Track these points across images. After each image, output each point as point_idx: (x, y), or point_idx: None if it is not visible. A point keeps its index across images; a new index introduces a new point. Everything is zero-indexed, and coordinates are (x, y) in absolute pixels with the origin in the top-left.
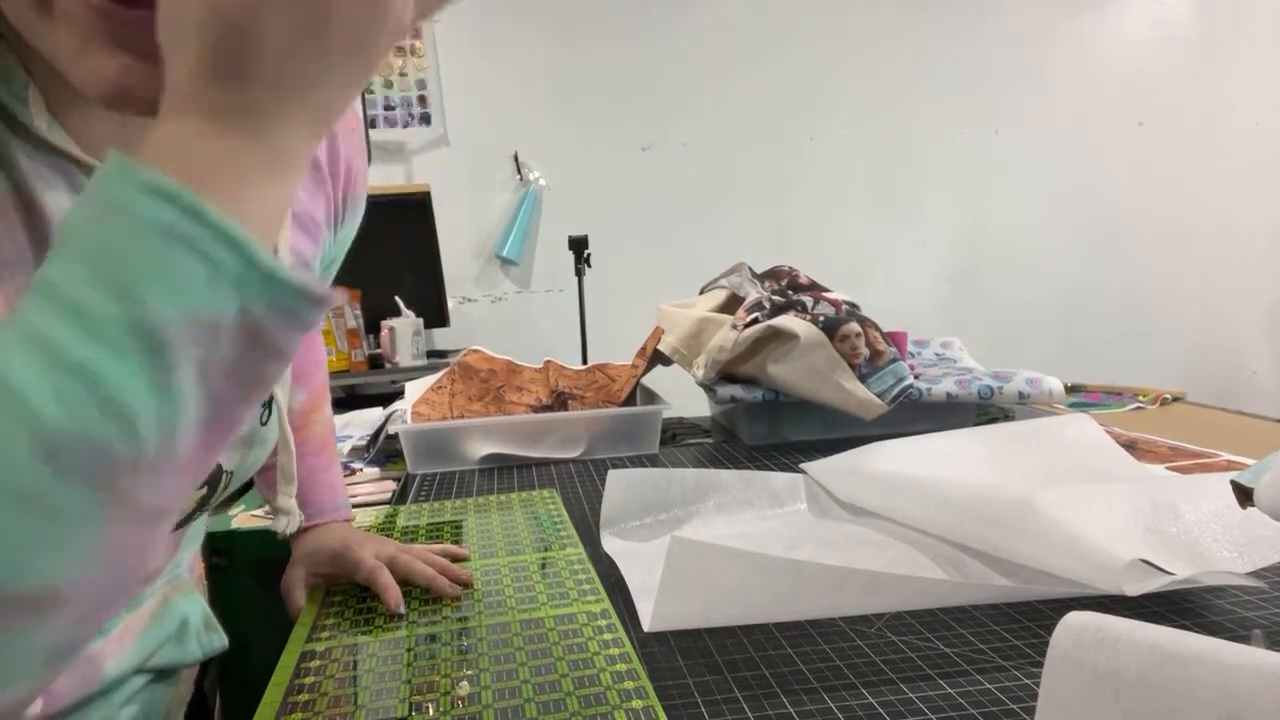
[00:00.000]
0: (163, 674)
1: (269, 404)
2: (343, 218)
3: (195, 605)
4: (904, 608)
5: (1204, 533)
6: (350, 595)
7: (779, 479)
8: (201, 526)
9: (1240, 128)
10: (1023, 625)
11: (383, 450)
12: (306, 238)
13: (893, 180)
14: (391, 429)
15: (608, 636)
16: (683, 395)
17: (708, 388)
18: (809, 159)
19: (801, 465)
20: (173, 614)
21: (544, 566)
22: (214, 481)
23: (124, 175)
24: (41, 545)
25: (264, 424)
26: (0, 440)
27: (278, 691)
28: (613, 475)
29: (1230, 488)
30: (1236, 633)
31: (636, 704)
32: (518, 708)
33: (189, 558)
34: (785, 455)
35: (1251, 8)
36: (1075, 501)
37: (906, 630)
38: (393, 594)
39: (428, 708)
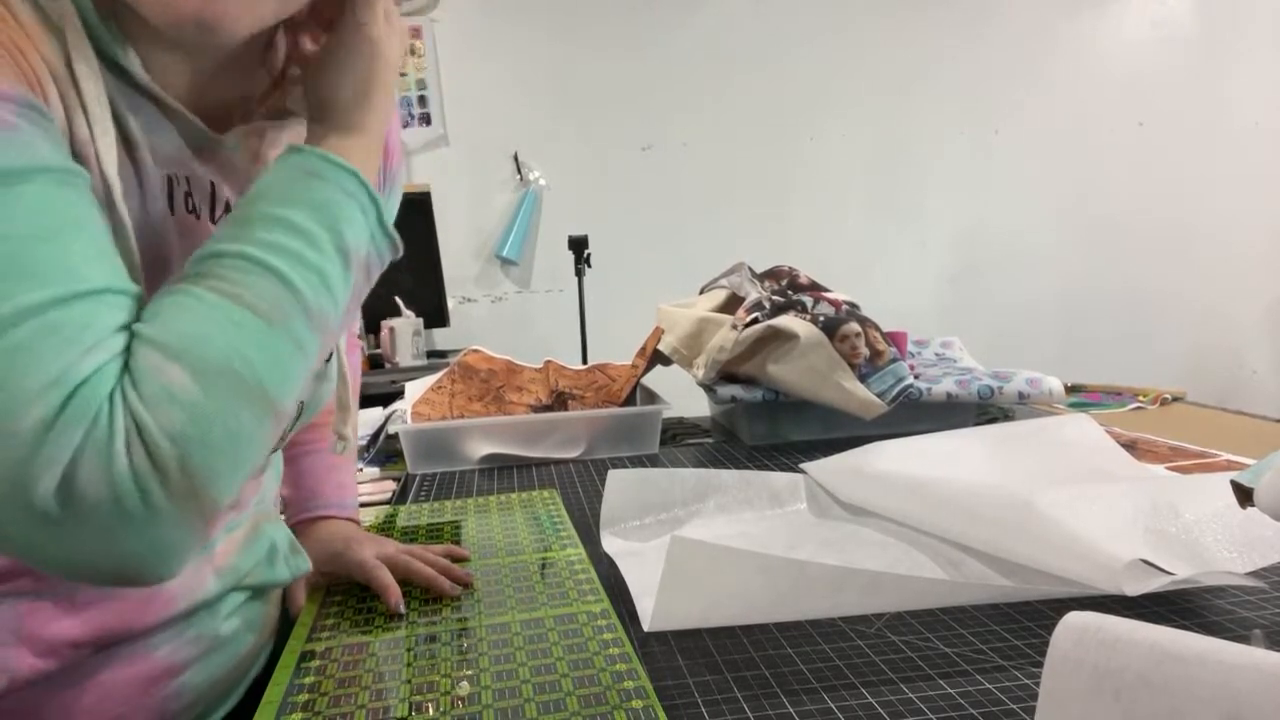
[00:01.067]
0: (257, 592)
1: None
2: (385, 188)
3: (281, 532)
4: (904, 608)
5: (1204, 533)
6: (350, 595)
7: (779, 479)
8: (279, 461)
9: (1240, 128)
10: (1023, 625)
11: (383, 450)
12: None
13: (893, 180)
14: (391, 429)
15: (608, 636)
16: (683, 395)
17: (708, 388)
18: (809, 159)
19: (801, 465)
20: (263, 539)
21: (544, 567)
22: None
23: (319, 156)
24: (297, 375)
25: (327, 362)
26: (285, 311)
27: (278, 691)
28: (613, 475)
29: (1230, 488)
30: (1236, 633)
31: (636, 704)
32: (518, 708)
33: (274, 490)
34: (785, 455)
35: (1251, 8)
36: (1075, 501)
37: (906, 630)
38: (393, 594)
39: (428, 707)
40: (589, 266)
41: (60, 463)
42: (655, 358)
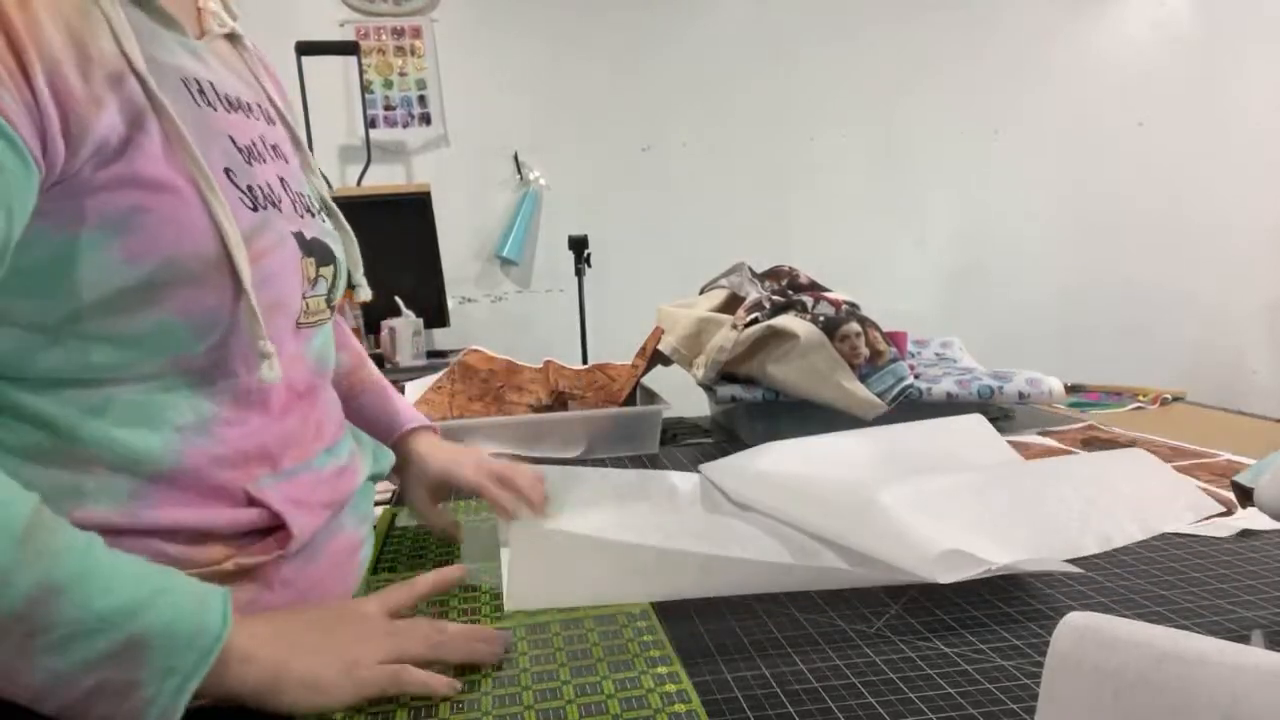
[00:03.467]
0: (371, 478)
1: (324, 207)
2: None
3: (364, 434)
4: (738, 591)
5: (1057, 517)
6: (395, 575)
7: (679, 478)
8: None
9: (1240, 127)
10: (1023, 625)
11: None
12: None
13: (893, 180)
14: None
15: (648, 638)
16: (683, 395)
17: (708, 388)
18: (809, 159)
19: (700, 466)
20: (365, 442)
21: None
22: (334, 261)
23: (220, 620)
24: None
25: (324, 223)
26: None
27: None
28: (548, 470)
29: (1231, 487)
30: (1237, 633)
31: (680, 708)
32: (559, 709)
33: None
34: None
35: (1252, 7)
36: (919, 494)
37: (906, 630)
38: (505, 502)
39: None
40: (589, 266)
41: None
42: (655, 358)
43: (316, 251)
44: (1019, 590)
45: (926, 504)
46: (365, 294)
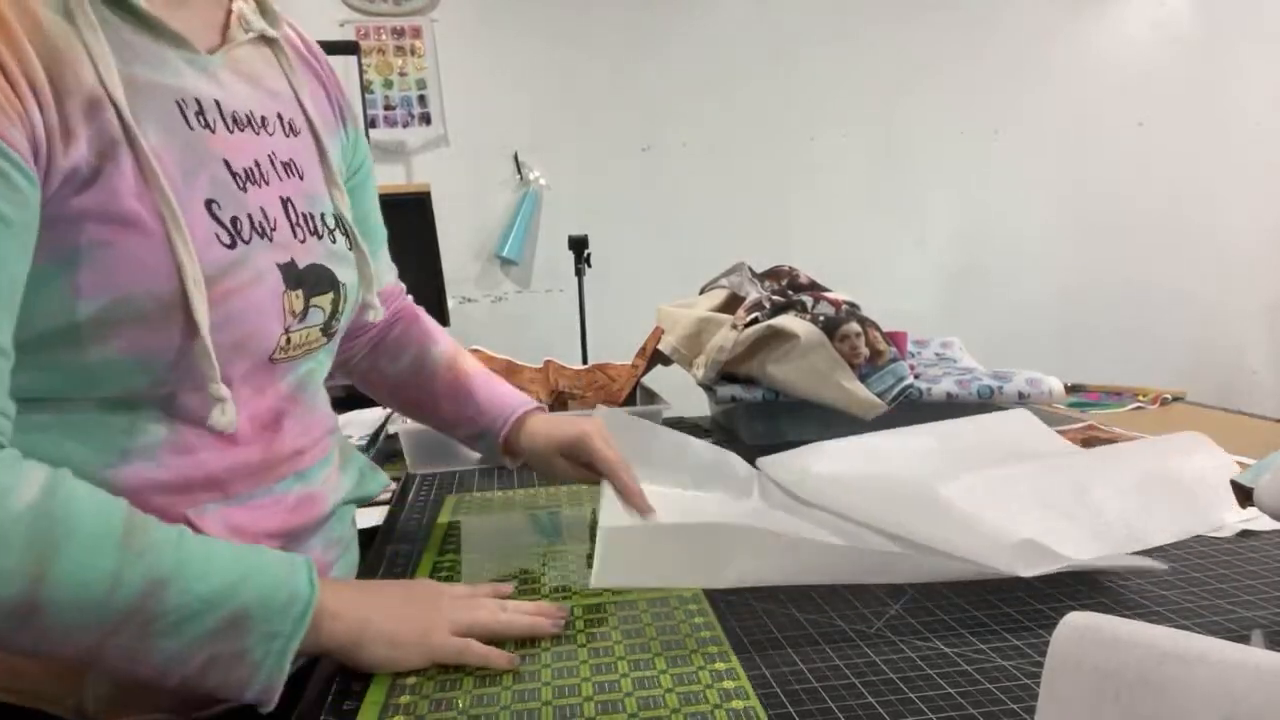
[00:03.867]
0: (351, 501)
1: (339, 225)
2: (345, 120)
3: (361, 457)
4: (821, 579)
5: (1108, 511)
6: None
7: (742, 468)
8: (325, 397)
9: (1240, 127)
10: (1023, 625)
11: (382, 450)
12: (328, 134)
13: (893, 180)
14: (391, 429)
15: (699, 619)
16: (683, 395)
17: (708, 388)
18: (809, 159)
19: (757, 460)
20: (353, 461)
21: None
22: (336, 288)
23: (308, 585)
24: (78, 603)
25: (334, 243)
26: (138, 571)
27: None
28: (609, 414)
29: (1230, 487)
30: (1237, 633)
31: (737, 704)
32: (618, 701)
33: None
34: None
35: (1252, 7)
36: (988, 485)
37: (906, 630)
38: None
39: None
40: (589, 266)
41: None
42: (655, 358)
43: (308, 282)
44: (1019, 590)
45: (996, 495)
46: (376, 314)
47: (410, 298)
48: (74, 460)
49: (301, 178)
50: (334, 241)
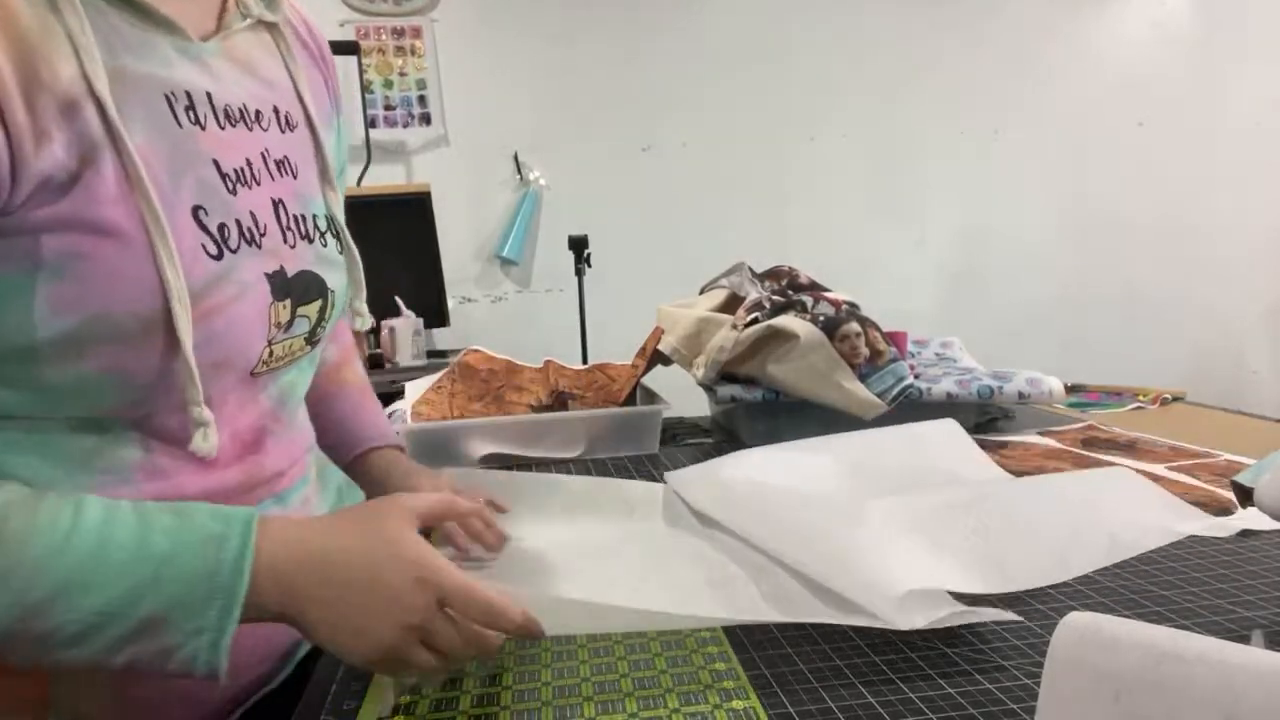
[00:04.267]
0: None
1: (330, 227)
2: (338, 104)
3: (338, 474)
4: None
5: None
6: None
7: (636, 488)
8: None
9: (1240, 127)
10: (1023, 625)
11: None
12: (325, 127)
13: (893, 180)
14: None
15: (719, 664)
16: (683, 395)
17: (708, 388)
18: (809, 159)
19: (666, 475)
20: (330, 481)
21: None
22: (325, 295)
23: (235, 558)
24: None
25: (325, 246)
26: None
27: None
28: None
29: (1231, 487)
30: (1237, 633)
31: (738, 705)
32: (618, 701)
33: (313, 439)
34: None
35: (1252, 7)
36: (899, 511)
37: (906, 630)
38: (457, 539)
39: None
40: (589, 266)
41: None
42: (655, 358)
43: (297, 290)
44: (1018, 591)
45: (900, 523)
46: (363, 323)
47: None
48: (43, 479)
49: (295, 176)
50: (324, 245)
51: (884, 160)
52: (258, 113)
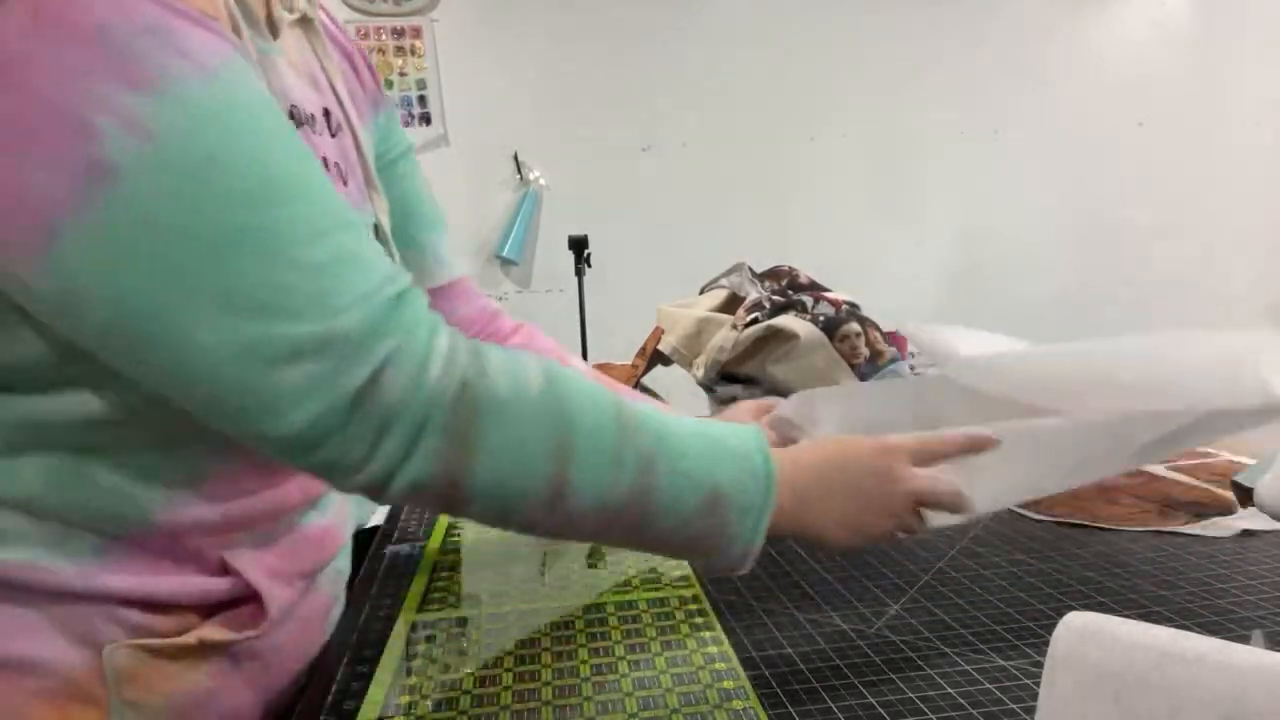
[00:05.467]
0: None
1: (378, 236)
2: (379, 107)
3: None
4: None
5: None
6: (456, 571)
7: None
8: None
9: (1240, 127)
10: (1023, 625)
11: None
12: (363, 127)
13: (893, 180)
14: None
15: (700, 620)
16: (683, 395)
17: (708, 388)
18: (809, 159)
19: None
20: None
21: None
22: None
23: (762, 459)
24: (599, 486)
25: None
26: (635, 449)
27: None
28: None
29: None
30: (1237, 633)
31: (737, 705)
32: (618, 701)
33: None
34: None
35: (1252, 7)
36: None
37: (906, 630)
38: None
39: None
40: (589, 266)
41: (370, 365)
42: (655, 358)
43: None
44: (1019, 590)
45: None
46: None
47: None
48: (121, 490)
49: (345, 183)
50: None
51: (884, 160)
52: (312, 116)
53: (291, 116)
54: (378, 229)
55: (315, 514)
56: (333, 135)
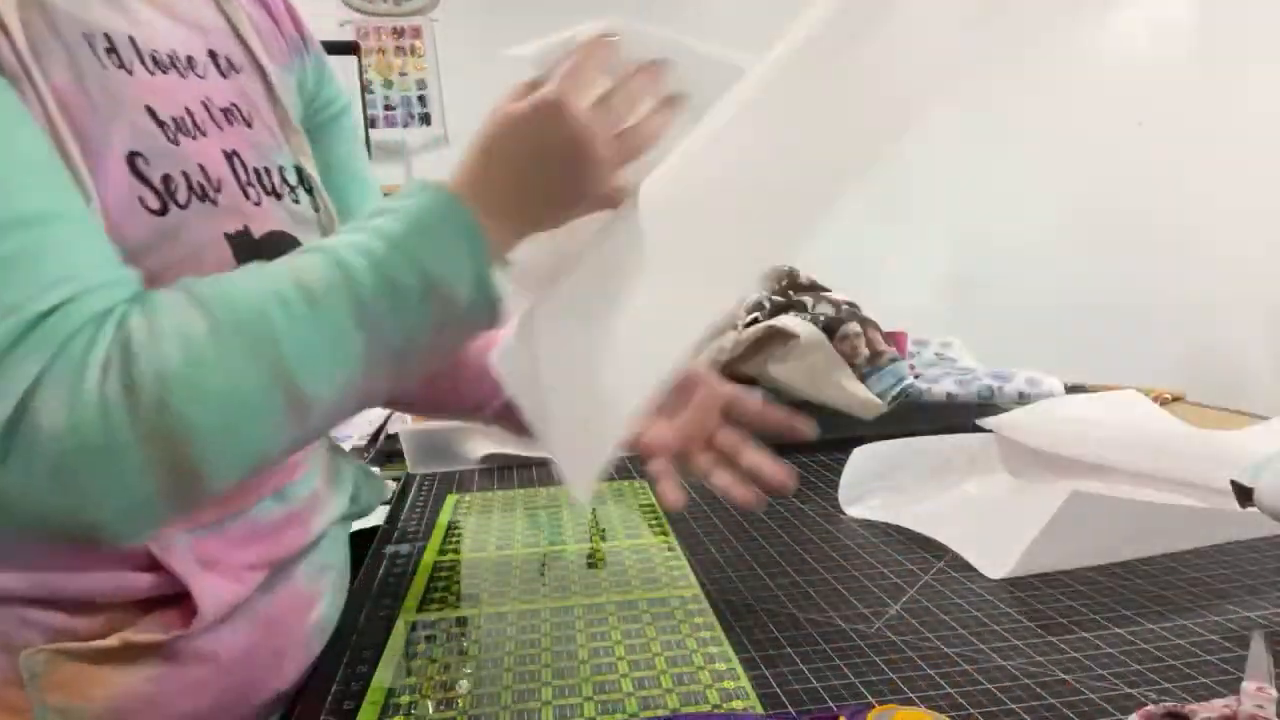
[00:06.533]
0: (344, 519)
1: (301, 180)
2: (305, 48)
3: (354, 465)
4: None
5: None
6: (456, 571)
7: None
8: None
9: (1240, 127)
10: (1023, 625)
11: (383, 450)
12: (280, 69)
13: (893, 180)
14: (391, 429)
15: (699, 620)
16: None
17: None
18: None
19: (982, 422)
20: (345, 473)
21: (631, 553)
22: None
23: (451, 206)
24: (330, 369)
25: (297, 203)
26: (335, 299)
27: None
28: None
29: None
30: (1237, 633)
31: (737, 705)
32: (618, 702)
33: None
34: (785, 455)
35: (1252, 8)
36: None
37: (906, 630)
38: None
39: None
40: None
41: (13, 395)
42: None
43: (269, 254)
44: (1018, 590)
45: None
46: None
47: None
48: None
49: (249, 124)
50: (296, 201)
51: (884, 160)
52: (190, 58)
53: (154, 61)
54: (300, 171)
55: (277, 503)
56: (224, 75)
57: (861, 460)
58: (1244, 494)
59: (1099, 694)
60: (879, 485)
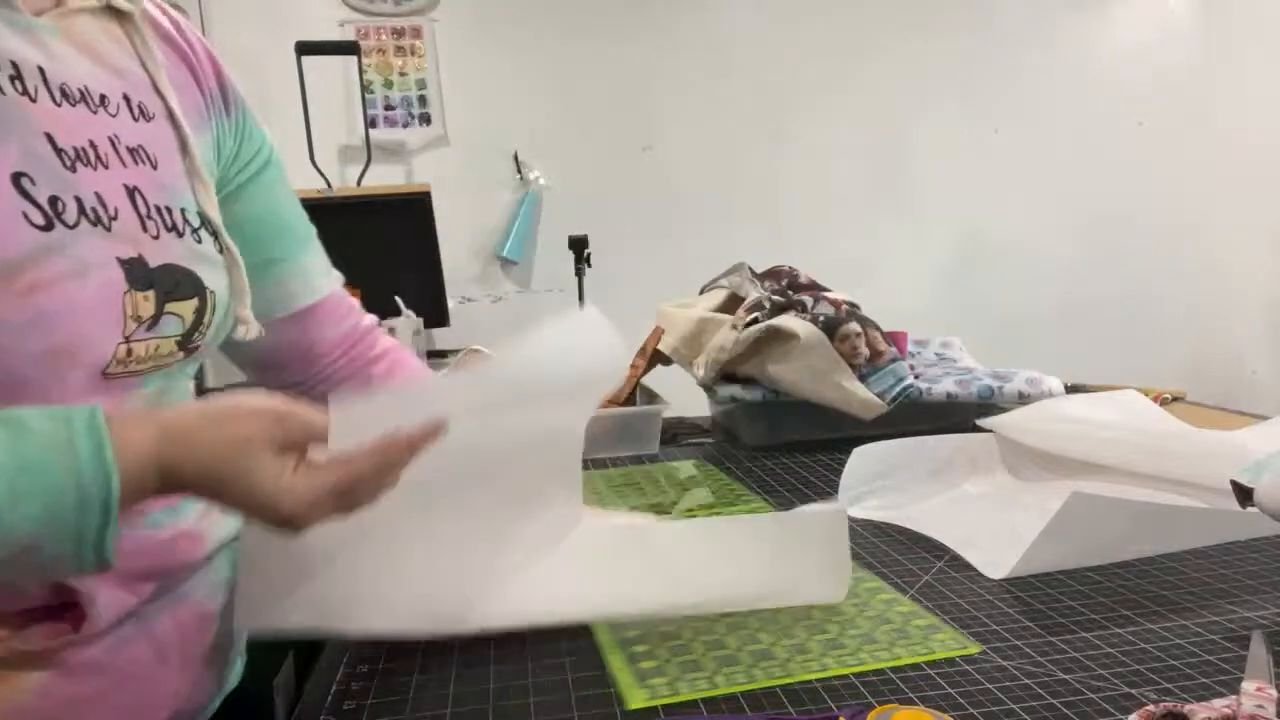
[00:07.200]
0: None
1: (205, 224)
2: (227, 107)
3: None
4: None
5: None
6: None
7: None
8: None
9: (1241, 128)
10: (1023, 625)
11: None
12: (195, 126)
13: (892, 180)
14: None
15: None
16: (683, 395)
17: (708, 388)
18: (809, 159)
19: (982, 422)
20: None
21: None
22: (201, 294)
23: (93, 440)
24: None
25: (199, 243)
26: None
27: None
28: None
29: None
30: (1237, 633)
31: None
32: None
33: None
34: (785, 455)
35: (1252, 7)
36: None
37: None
38: None
39: None
40: (589, 266)
41: None
42: (655, 358)
43: (164, 283)
44: (1018, 590)
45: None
46: (248, 331)
47: (384, 331)
48: None
49: (154, 167)
50: (199, 241)
51: (884, 160)
52: (103, 97)
53: (63, 93)
54: (204, 217)
55: (169, 516)
56: (136, 120)
57: (861, 460)
58: (1244, 494)
59: (1099, 694)
60: (879, 485)
